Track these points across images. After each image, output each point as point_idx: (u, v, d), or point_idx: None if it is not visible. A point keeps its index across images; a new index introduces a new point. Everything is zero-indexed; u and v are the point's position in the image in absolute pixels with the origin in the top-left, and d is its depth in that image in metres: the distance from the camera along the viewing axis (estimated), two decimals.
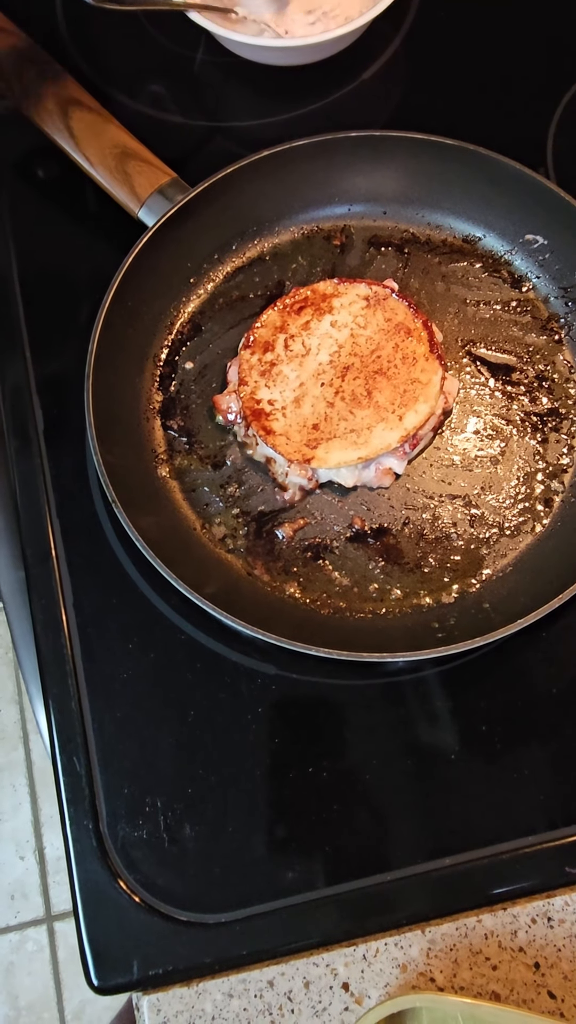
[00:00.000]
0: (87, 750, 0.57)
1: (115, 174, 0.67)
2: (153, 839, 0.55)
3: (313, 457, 0.61)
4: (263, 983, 0.52)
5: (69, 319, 0.69)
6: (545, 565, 0.60)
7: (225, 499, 0.64)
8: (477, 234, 0.71)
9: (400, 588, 0.61)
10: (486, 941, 0.52)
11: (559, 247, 0.68)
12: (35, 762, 1.56)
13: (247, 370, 0.64)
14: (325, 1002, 0.51)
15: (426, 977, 0.52)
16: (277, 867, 0.55)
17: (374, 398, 0.63)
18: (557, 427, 0.65)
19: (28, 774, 1.55)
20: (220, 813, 0.56)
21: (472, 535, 0.62)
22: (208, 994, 0.52)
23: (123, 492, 0.58)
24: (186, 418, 0.66)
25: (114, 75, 0.80)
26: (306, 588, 0.61)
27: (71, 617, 0.61)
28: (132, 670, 0.60)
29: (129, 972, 0.52)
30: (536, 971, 0.52)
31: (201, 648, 0.60)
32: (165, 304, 0.68)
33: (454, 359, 0.68)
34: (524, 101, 0.78)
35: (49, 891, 1.48)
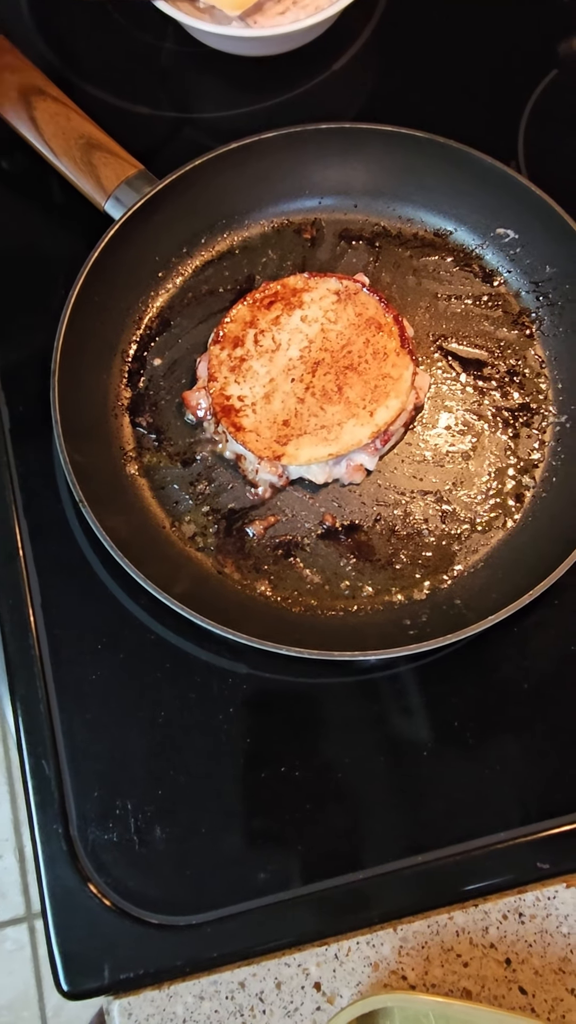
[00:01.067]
0: (56, 752, 0.57)
1: (80, 166, 0.66)
2: (124, 842, 0.55)
3: (283, 454, 0.61)
4: (235, 984, 0.52)
5: (34, 314, 0.68)
6: (516, 561, 0.60)
7: (195, 497, 0.63)
8: (448, 228, 0.71)
9: (372, 585, 0.61)
10: (457, 938, 0.52)
11: (530, 241, 0.68)
12: (13, 760, 1.55)
13: (216, 366, 0.63)
14: (297, 1002, 0.51)
15: (398, 975, 0.52)
16: (249, 868, 0.54)
17: (345, 394, 0.62)
18: (528, 422, 0.65)
19: (7, 772, 1.54)
20: (191, 815, 0.55)
21: (444, 531, 0.62)
22: (179, 997, 0.51)
23: (91, 491, 0.58)
24: (155, 415, 0.65)
25: (80, 65, 0.78)
26: (277, 586, 0.61)
27: (39, 618, 0.60)
28: (101, 671, 0.59)
29: (100, 976, 0.52)
30: (507, 967, 0.52)
31: (171, 648, 0.59)
32: (133, 299, 0.67)
33: (425, 354, 0.67)
34: (496, 94, 0.78)
35: (29, 889, 1.47)
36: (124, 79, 0.78)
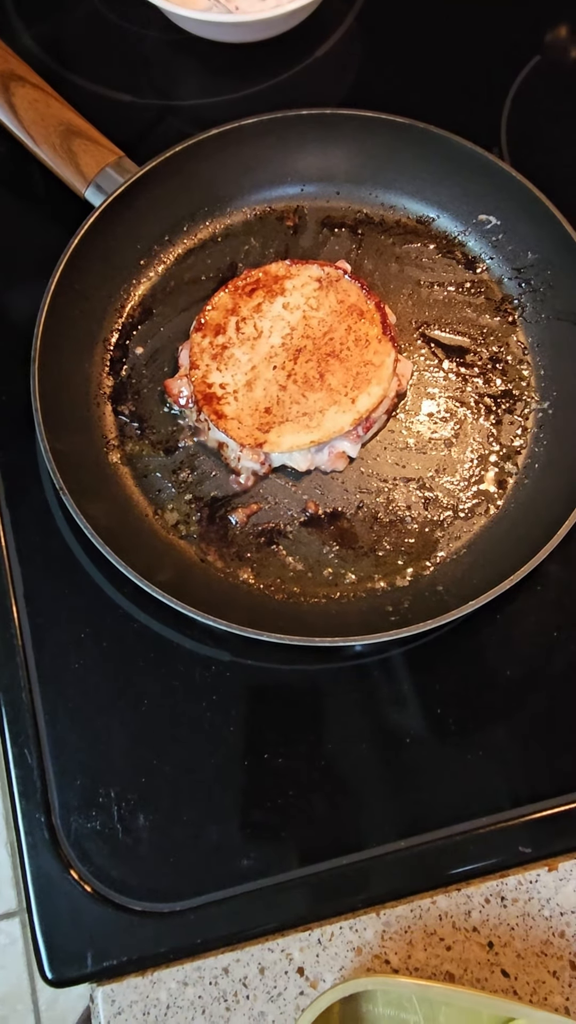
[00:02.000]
0: (39, 742, 0.57)
1: (60, 153, 0.65)
2: (106, 830, 0.55)
3: (265, 441, 0.60)
4: (218, 970, 0.52)
5: (14, 303, 0.67)
6: (499, 547, 0.60)
7: (177, 485, 0.63)
8: (431, 215, 0.70)
9: (354, 572, 0.61)
10: (440, 922, 0.53)
11: (512, 228, 0.68)
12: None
13: (198, 353, 0.63)
14: (280, 987, 0.51)
15: (381, 959, 0.52)
16: (232, 854, 0.54)
17: (327, 381, 0.62)
18: (511, 409, 0.65)
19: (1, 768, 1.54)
20: (174, 802, 0.55)
21: (426, 518, 0.62)
22: (163, 983, 0.51)
23: (72, 479, 0.57)
24: (137, 403, 0.65)
25: (61, 52, 0.78)
26: (260, 574, 0.60)
27: (21, 607, 0.60)
28: (84, 660, 0.59)
29: (83, 964, 0.52)
30: (490, 950, 0.52)
31: (154, 636, 0.59)
32: (114, 287, 0.67)
33: (408, 341, 0.67)
34: (478, 81, 0.78)
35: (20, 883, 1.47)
36: (105, 66, 0.78)
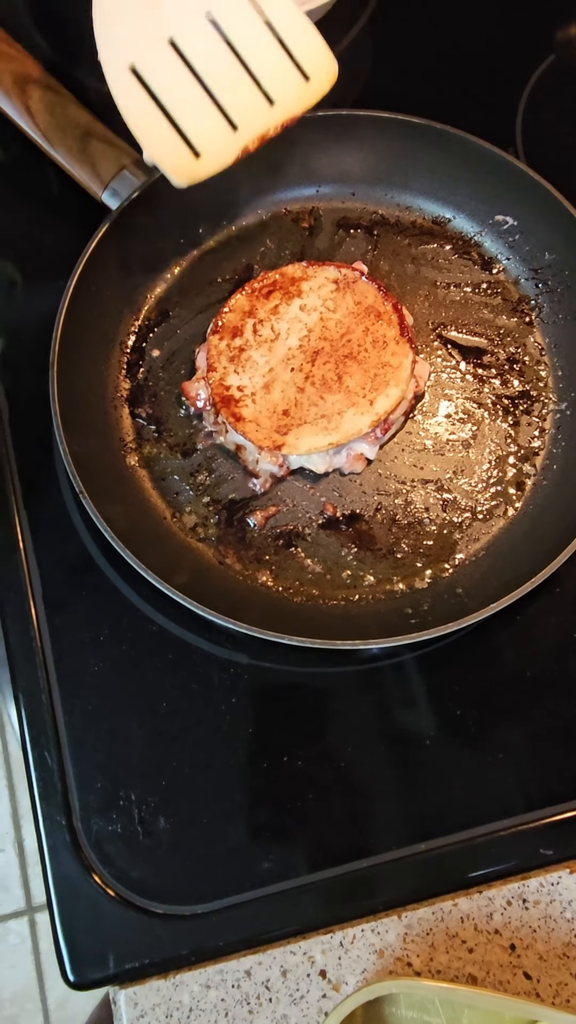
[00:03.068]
0: (59, 744, 0.57)
1: (77, 155, 0.65)
2: (127, 832, 0.55)
3: (283, 443, 0.60)
4: (240, 973, 0.52)
5: (31, 306, 0.67)
6: (518, 549, 0.60)
7: (195, 487, 0.63)
8: (446, 215, 0.70)
9: (373, 574, 0.61)
10: (462, 924, 0.53)
11: (529, 228, 0.68)
12: (12, 753, 1.55)
13: (215, 356, 0.63)
14: (303, 990, 0.51)
15: (403, 962, 0.52)
16: (253, 857, 0.54)
17: (344, 383, 0.62)
18: (528, 410, 0.65)
19: (6, 766, 1.54)
20: (194, 804, 0.55)
21: (445, 520, 0.62)
22: (185, 986, 0.52)
23: (91, 482, 0.57)
24: (154, 406, 0.65)
25: (76, 54, 0.78)
26: (278, 576, 0.60)
27: (40, 610, 0.60)
28: (103, 662, 0.59)
29: (105, 966, 0.52)
30: (512, 952, 0.52)
31: (172, 638, 0.59)
32: (131, 289, 0.67)
33: (425, 342, 0.67)
34: (493, 79, 0.78)
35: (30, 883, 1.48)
36: None
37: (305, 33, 0.58)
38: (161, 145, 0.57)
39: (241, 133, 0.58)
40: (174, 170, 0.57)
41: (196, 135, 0.57)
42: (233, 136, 0.58)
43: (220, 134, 0.57)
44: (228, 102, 0.57)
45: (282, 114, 0.59)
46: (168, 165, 0.57)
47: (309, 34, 0.58)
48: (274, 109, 0.58)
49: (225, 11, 0.56)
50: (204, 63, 0.56)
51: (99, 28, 0.56)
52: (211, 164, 0.58)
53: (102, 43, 0.56)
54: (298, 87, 0.58)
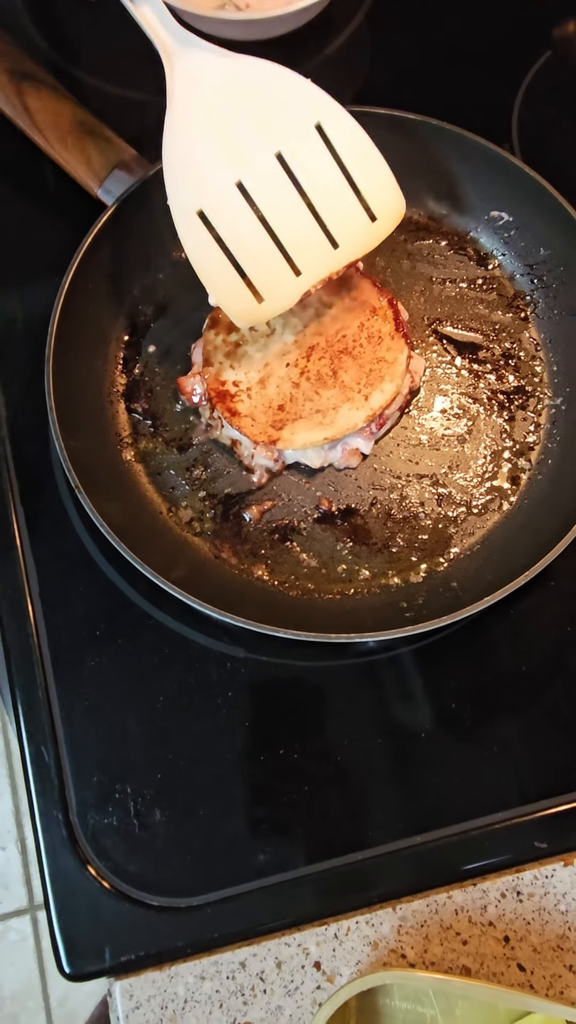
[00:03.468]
0: (55, 739, 0.57)
1: (73, 152, 0.66)
2: (123, 826, 0.55)
3: (279, 438, 0.61)
4: (235, 964, 0.52)
5: (27, 301, 0.68)
6: (513, 543, 0.61)
7: (191, 482, 0.63)
8: (442, 211, 0.70)
9: (368, 568, 0.61)
10: (456, 916, 0.53)
11: (525, 224, 0.68)
12: (14, 752, 1.55)
13: (211, 351, 0.63)
14: (297, 981, 0.52)
15: (397, 954, 0.52)
16: (249, 849, 0.54)
17: (340, 378, 0.62)
18: (524, 405, 0.65)
19: (7, 764, 1.54)
20: (191, 798, 0.56)
21: (440, 514, 0.62)
22: (180, 977, 0.52)
23: (87, 477, 0.57)
24: (150, 401, 0.65)
25: (72, 51, 0.78)
26: (274, 570, 0.61)
27: (36, 605, 0.60)
28: (100, 657, 0.59)
29: (101, 959, 0.52)
30: (506, 944, 0.52)
31: (169, 633, 0.60)
32: (127, 285, 0.67)
33: (420, 337, 0.67)
34: (489, 76, 0.78)
35: (31, 881, 1.48)
36: (116, 64, 0.78)
37: (376, 170, 0.57)
38: (226, 291, 0.58)
39: (304, 278, 0.58)
40: (238, 316, 0.58)
41: (260, 281, 0.57)
42: (296, 281, 0.58)
43: (284, 279, 0.58)
44: (293, 248, 0.57)
45: (346, 257, 0.59)
46: (232, 311, 0.58)
47: (380, 171, 0.57)
48: (338, 252, 0.58)
49: (296, 149, 0.56)
50: (271, 207, 0.57)
51: (169, 172, 0.56)
52: (273, 308, 0.58)
53: (172, 188, 0.56)
54: (364, 228, 0.58)
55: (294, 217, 0.57)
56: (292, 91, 0.55)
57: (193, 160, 0.55)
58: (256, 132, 0.55)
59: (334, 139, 0.56)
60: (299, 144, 0.55)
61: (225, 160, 0.55)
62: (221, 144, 0.55)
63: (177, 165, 0.55)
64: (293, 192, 0.56)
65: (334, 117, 0.55)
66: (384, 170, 0.58)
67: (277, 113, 0.55)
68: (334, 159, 0.56)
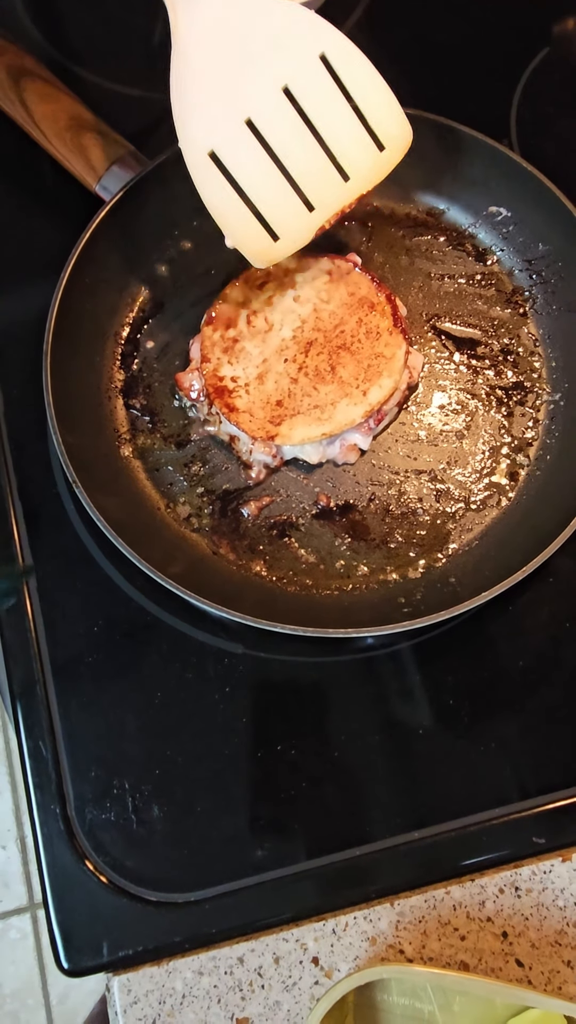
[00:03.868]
0: (53, 734, 0.57)
1: (71, 147, 0.66)
2: (121, 821, 0.55)
3: (277, 434, 0.61)
4: (233, 960, 0.52)
5: (26, 297, 0.68)
6: (511, 539, 0.60)
7: (189, 478, 0.63)
8: (441, 207, 0.70)
9: (366, 564, 0.61)
10: (454, 912, 0.53)
11: (523, 219, 0.68)
12: (15, 751, 1.55)
13: (209, 347, 0.63)
14: (295, 977, 0.52)
15: (395, 949, 0.52)
16: (247, 845, 0.54)
17: (338, 373, 0.62)
18: (522, 400, 0.65)
19: (8, 762, 1.54)
20: (188, 794, 0.56)
21: (438, 510, 0.62)
22: (178, 972, 0.52)
23: (85, 473, 0.57)
24: (148, 397, 0.65)
25: (70, 46, 0.78)
26: (272, 566, 0.61)
27: (35, 600, 0.60)
28: (97, 652, 0.59)
29: (99, 954, 0.52)
30: (504, 940, 0.52)
31: (167, 628, 0.60)
32: (125, 281, 0.67)
33: (419, 333, 0.67)
34: (488, 72, 0.78)
35: (31, 879, 1.48)
36: (115, 60, 0.78)
37: (382, 99, 0.57)
38: (243, 232, 0.57)
39: (318, 213, 0.58)
40: (255, 255, 0.58)
41: (275, 220, 0.57)
42: (310, 216, 0.58)
43: (298, 216, 0.58)
44: (305, 183, 0.57)
45: (357, 189, 0.59)
46: (250, 250, 0.58)
47: (386, 100, 0.57)
48: (349, 184, 0.58)
49: (302, 82, 0.55)
50: (281, 142, 0.56)
51: (178, 115, 0.55)
52: (289, 245, 0.59)
53: (182, 130, 0.56)
54: (373, 159, 0.58)
55: (304, 151, 0.56)
56: (295, 23, 0.54)
57: (201, 100, 0.54)
58: (262, 67, 0.54)
59: (339, 70, 0.55)
60: (305, 77, 0.55)
61: (233, 98, 0.55)
62: (228, 82, 0.54)
63: (186, 107, 0.55)
64: (302, 126, 0.56)
65: (338, 47, 0.55)
66: (390, 99, 0.57)
67: (282, 47, 0.54)
68: (340, 90, 0.56)
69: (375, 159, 0.58)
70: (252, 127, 0.55)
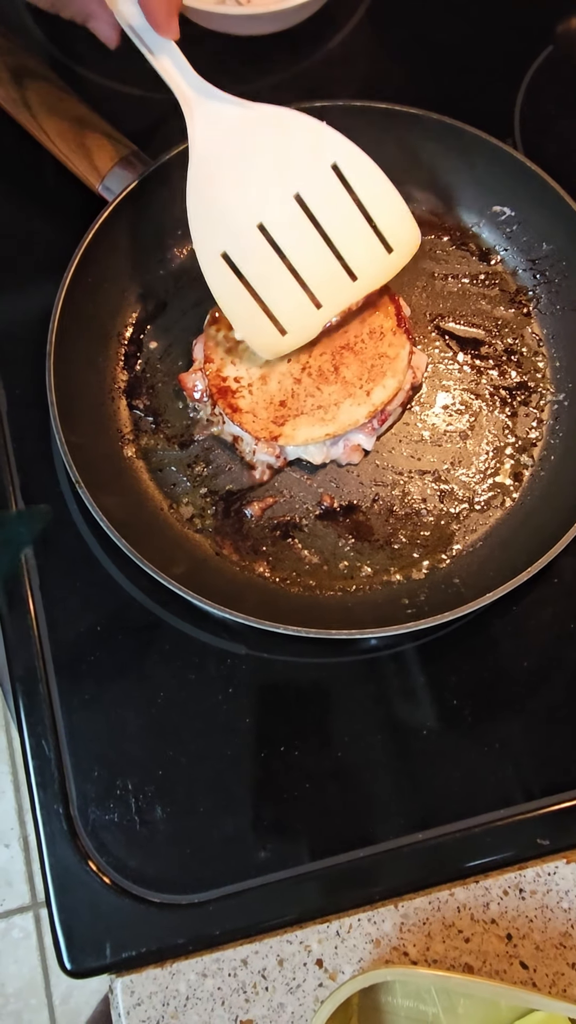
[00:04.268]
0: (56, 733, 0.57)
1: (74, 147, 0.66)
2: (124, 821, 0.55)
3: (280, 434, 0.60)
4: (237, 962, 0.52)
5: (29, 298, 0.68)
6: (515, 539, 0.60)
7: (192, 479, 0.63)
8: (444, 206, 0.70)
9: (370, 565, 0.60)
10: (459, 914, 0.53)
11: (527, 219, 0.68)
12: (17, 749, 1.55)
13: (213, 347, 0.63)
14: (299, 979, 0.51)
15: (399, 951, 0.52)
16: (249, 846, 0.54)
17: (341, 374, 0.62)
18: (526, 401, 0.65)
19: (11, 762, 1.54)
20: (191, 794, 0.56)
21: (442, 511, 0.62)
22: (182, 974, 0.52)
23: (88, 473, 0.57)
24: (152, 397, 0.65)
25: (73, 47, 0.78)
26: (275, 567, 0.60)
27: (37, 600, 0.60)
28: (100, 652, 0.59)
29: (102, 955, 0.52)
30: (508, 942, 0.52)
31: (170, 629, 0.59)
32: (128, 281, 0.67)
33: (422, 333, 0.67)
34: (491, 71, 0.77)
35: (34, 878, 1.48)
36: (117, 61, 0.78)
37: (392, 205, 0.59)
38: (252, 327, 0.60)
39: (325, 310, 0.60)
40: (263, 348, 0.61)
41: (284, 316, 0.59)
42: (317, 313, 0.60)
43: (306, 313, 0.60)
44: (314, 283, 0.59)
45: (364, 288, 0.61)
46: (258, 345, 0.60)
47: (395, 205, 0.59)
48: (356, 284, 0.60)
49: (314, 189, 0.57)
50: (292, 246, 0.58)
51: (193, 218, 0.57)
52: (296, 340, 0.61)
53: (196, 232, 0.58)
54: (381, 261, 0.60)
55: (314, 254, 0.58)
56: (308, 134, 0.57)
57: (216, 205, 0.57)
58: (274, 175, 0.57)
59: (350, 177, 0.57)
60: (316, 184, 0.57)
61: (246, 204, 0.57)
62: (242, 188, 0.57)
63: (201, 210, 0.57)
64: (312, 231, 0.58)
65: (349, 156, 0.57)
66: (399, 204, 0.59)
67: (294, 156, 0.57)
68: (351, 196, 0.58)
69: (383, 260, 0.60)
70: (264, 231, 0.58)
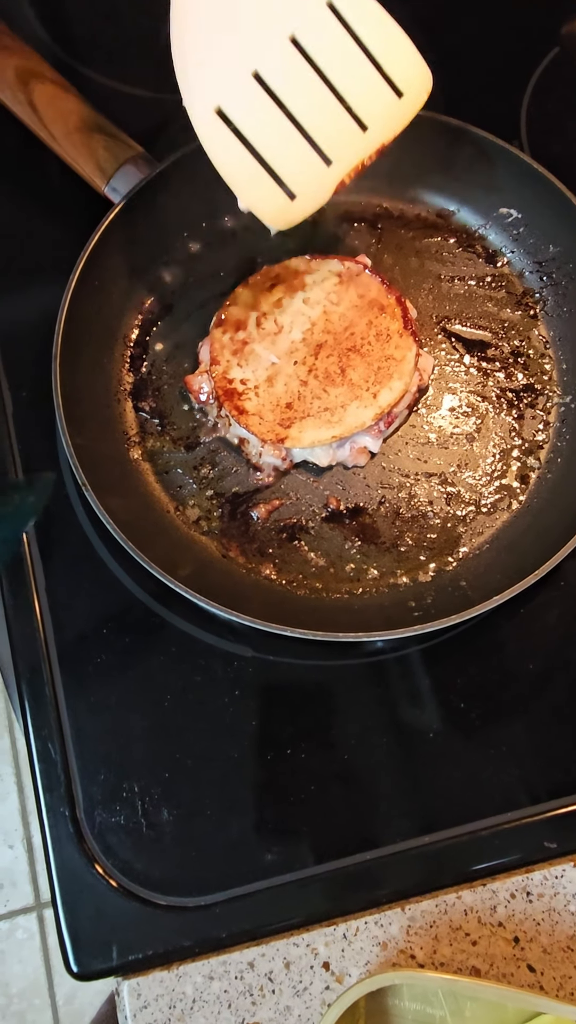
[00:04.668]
0: (62, 736, 0.57)
1: (80, 149, 0.65)
2: (130, 824, 0.55)
3: (287, 436, 0.60)
4: (244, 964, 0.52)
5: (35, 300, 0.68)
6: (522, 542, 0.60)
7: (198, 481, 0.63)
8: (451, 208, 0.70)
9: (376, 567, 0.60)
10: (466, 917, 0.53)
11: (533, 221, 0.68)
12: (21, 751, 1.55)
13: (219, 349, 0.63)
14: (306, 982, 0.51)
15: (406, 954, 0.52)
16: (256, 849, 0.54)
17: (348, 376, 0.62)
18: (533, 403, 0.65)
19: (14, 763, 1.54)
20: (198, 797, 0.55)
21: (448, 513, 0.62)
22: (188, 977, 0.52)
23: (94, 475, 0.57)
24: (158, 399, 0.65)
25: (78, 47, 0.78)
26: (282, 569, 0.60)
27: (43, 602, 0.60)
28: (106, 654, 0.59)
29: (108, 958, 0.52)
30: (515, 945, 0.52)
31: (176, 631, 0.59)
32: (134, 283, 0.67)
33: (429, 335, 0.67)
34: (498, 73, 0.77)
35: (38, 879, 1.48)
36: (123, 61, 0.78)
37: (396, 43, 0.53)
38: (256, 192, 0.53)
39: (336, 167, 0.54)
40: (272, 217, 0.54)
41: (290, 176, 0.53)
42: (328, 171, 0.54)
43: (315, 171, 0.53)
44: (320, 135, 0.53)
45: (377, 139, 0.54)
46: (265, 212, 0.54)
47: (400, 42, 0.53)
48: (367, 135, 0.54)
49: (309, 28, 0.51)
50: (293, 94, 0.52)
51: (180, 72, 0.52)
52: (307, 204, 0.54)
53: (185, 88, 0.52)
54: (391, 106, 0.54)
55: (318, 103, 0.52)
56: None
57: (204, 54, 0.50)
58: (267, 17, 0.50)
59: (348, 16, 0.51)
60: (314, 25, 0.51)
61: (238, 50, 0.50)
62: (232, 34, 0.50)
63: (188, 61, 0.51)
64: (313, 76, 0.51)
65: None
66: (405, 42, 0.53)
67: None
68: (351, 36, 0.51)
69: (394, 106, 0.54)
70: (260, 80, 0.51)
